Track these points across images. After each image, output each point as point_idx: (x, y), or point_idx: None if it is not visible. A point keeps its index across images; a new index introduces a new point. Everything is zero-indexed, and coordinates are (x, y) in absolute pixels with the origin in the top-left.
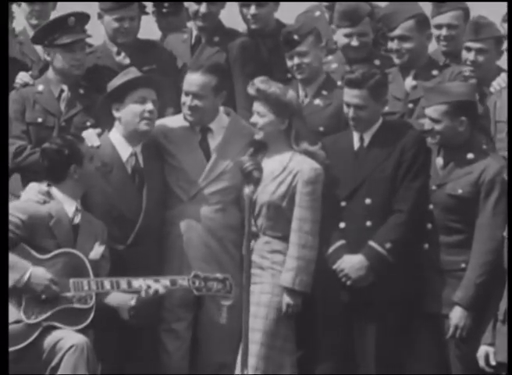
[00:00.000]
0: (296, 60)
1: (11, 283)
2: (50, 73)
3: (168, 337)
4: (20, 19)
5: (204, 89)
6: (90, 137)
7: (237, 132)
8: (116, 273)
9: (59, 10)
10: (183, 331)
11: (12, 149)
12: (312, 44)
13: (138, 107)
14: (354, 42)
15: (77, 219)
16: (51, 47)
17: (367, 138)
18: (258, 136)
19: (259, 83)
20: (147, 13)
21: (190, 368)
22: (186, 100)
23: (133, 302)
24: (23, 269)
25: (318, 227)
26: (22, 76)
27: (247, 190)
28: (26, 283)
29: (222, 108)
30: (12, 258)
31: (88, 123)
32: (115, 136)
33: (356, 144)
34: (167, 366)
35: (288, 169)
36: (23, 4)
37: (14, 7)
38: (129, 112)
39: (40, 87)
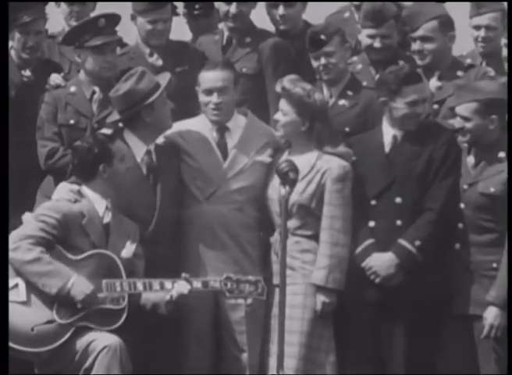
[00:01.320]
0: (322, 60)
1: (54, 290)
2: (81, 75)
3: (189, 339)
4: (58, 19)
5: (227, 82)
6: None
7: (255, 132)
8: None
9: (98, 11)
10: (204, 332)
11: (44, 151)
12: (338, 44)
13: (166, 108)
14: (377, 44)
15: (107, 218)
16: (81, 49)
17: (398, 137)
18: (279, 133)
19: (286, 81)
20: (178, 14)
21: (213, 369)
22: (210, 99)
23: (168, 297)
24: (67, 277)
25: (349, 224)
26: (54, 78)
27: (283, 191)
28: (68, 292)
29: (236, 109)
30: (56, 265)
31: (120, 124)
32: (130, 136)
33: (387, 143)
34: (188, 368)
35: (316, 168)
36: (63, 4)
37: (50, 8)
38: (161, 115)
39: (73, 89)
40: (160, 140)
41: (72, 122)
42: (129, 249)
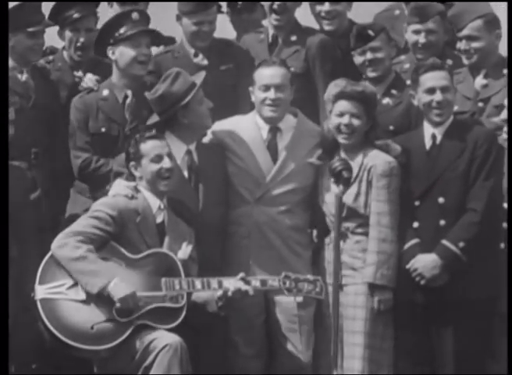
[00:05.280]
0: (368, 55)
1: (96, 289)
2: (114, 77)
3: (241, 338)
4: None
5: (285, 80)
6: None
7: (306, 133)
8: None
9: (150, 11)
10: (255, 331)
11: (77, 162)
12: (385, 41)
13: (203, 107)
14: (422, 39)
15: (160, 218)
16: (116, 45)
17: (439, 136)
18: (350, 140)
19: (347, 84)
20: (222, 12)
21: (267, 369)
22: (267, 95)
23: (220, 293)
24: (109, 278)
25: (396, 220)
26: (87, 81)
27: (337, 190)
28: (109, 292)
29: None
30: (101, 264)
31: (153, 131)
32: (170, 137)
33: (428, 143)
34: (241, 368)
35: (363, 167)
36: (115, 5)
37: (101, 8)
38: (198, 115)
39: (105, 92)
40: (206, 137)
41: (103, 130)
42: (185, 251)
